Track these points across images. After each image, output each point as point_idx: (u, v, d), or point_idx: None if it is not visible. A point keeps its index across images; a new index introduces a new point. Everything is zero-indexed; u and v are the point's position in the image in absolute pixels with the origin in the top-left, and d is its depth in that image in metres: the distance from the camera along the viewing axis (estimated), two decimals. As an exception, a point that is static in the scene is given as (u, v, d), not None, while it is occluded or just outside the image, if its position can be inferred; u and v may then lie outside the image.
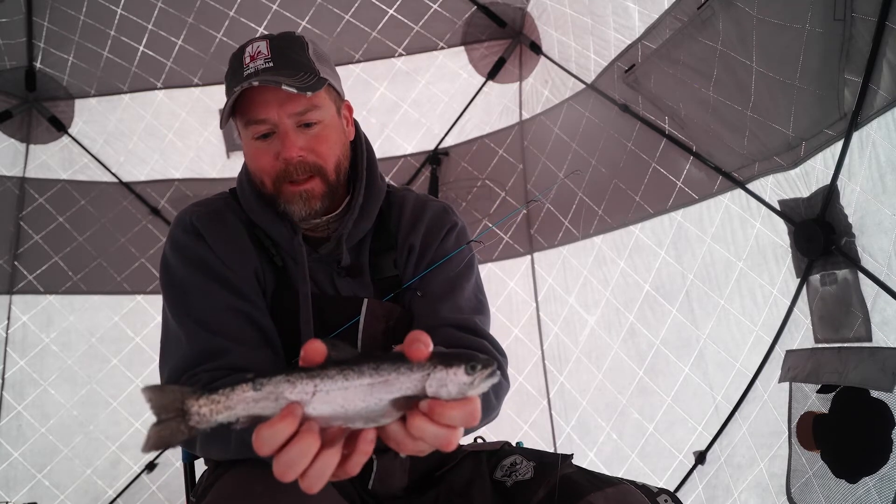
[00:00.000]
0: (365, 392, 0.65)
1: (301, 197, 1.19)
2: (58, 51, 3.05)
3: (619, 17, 2.44)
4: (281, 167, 1.18)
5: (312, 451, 0.65)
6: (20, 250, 3.19)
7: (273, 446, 0.64)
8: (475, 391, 0.67)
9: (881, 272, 1.76)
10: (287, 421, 0.64)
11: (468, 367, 0.66)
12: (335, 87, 1.27)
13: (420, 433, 0.66)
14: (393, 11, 3.03)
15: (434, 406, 0.65)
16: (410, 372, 0.66)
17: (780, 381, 2.10)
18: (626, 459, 2.70)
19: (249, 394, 0.66)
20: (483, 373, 0.66)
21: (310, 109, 1.18)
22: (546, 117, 3.11)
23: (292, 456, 0.65)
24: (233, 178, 1.38)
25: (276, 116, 1.16)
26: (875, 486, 1.72)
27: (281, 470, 0.65)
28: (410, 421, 0.66)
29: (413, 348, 0.67)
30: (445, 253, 1.31)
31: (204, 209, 1.29)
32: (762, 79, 1.92)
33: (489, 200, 3.31)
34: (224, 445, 1.04)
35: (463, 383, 0.66)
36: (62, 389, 3.15)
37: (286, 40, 1.23)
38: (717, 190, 2.30)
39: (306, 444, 0.65)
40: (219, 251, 1.22)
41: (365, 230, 1.30)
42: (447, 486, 1.21)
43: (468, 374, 0.66)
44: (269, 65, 1.17)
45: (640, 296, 2.64)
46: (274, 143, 1.18)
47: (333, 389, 0.65)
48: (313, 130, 1.20)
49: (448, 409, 0.65)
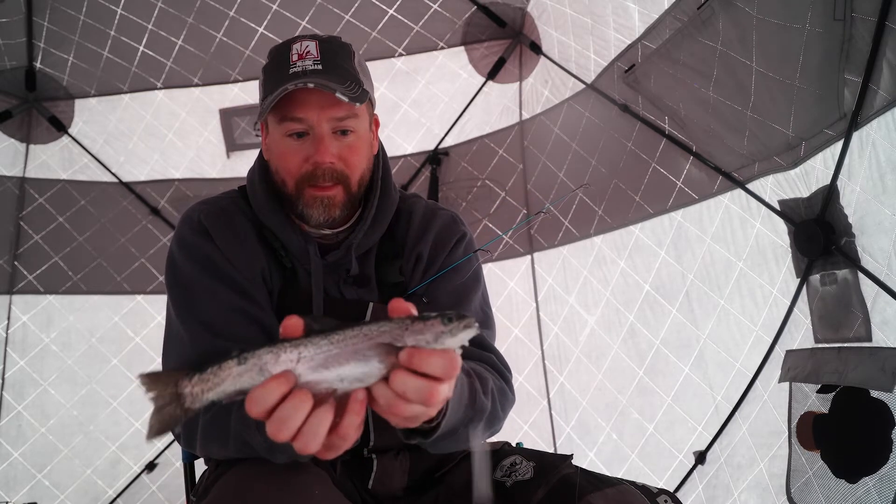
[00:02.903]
0: (348, 351, 0.68)
1: (322, 203, 1.18)
2: (58, 51, 3.05)
3: (619, 17, 2.44)
4: (308, 170, 1.17)
5: (305, 408, 0.66)
6: (20, 250, 3.19)
7: (265, 406, 0.66)
8: (452, 341, 0.69)
9: (881, 272, 1.76)
10: (278, 381, 0.66)
11: (444, 318, 0.69)
12: (372, 100, 1.27)
13: (402, 387, 0.67)
14: (393, 11, 3.03)
15: (412, 354, 0.67)
16: (389, 326, 0.69)
17: (780, 381, 2.10)
18: (626, 459, 2.70)
19: (235, 368, 0.68)
20: (459, 323, 0.69)
21: (349, 118, 1.17)
22: (546, 117, 3.11)
23: (284, 413, 0.66)
24: (233, 178, 1.38)
25: (315, 119, 1.15)
26: (875, 486, 1.72)
27: (274, 427, 0.66)
28: (393, 377, 0.68)
29: (396, 306, 0.70)
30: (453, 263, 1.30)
31: (212, 207, 1.27)
32: (762, 79, 1.92)
33: (489, 200, 3.31)
34: (223, 443, 1.03)
35: (439, 332, 0.68)
36: (62, 389, 3.15)
37: (335, 45, 1.22)
38: (717, 190, 2.30)
39: (298, 399, 0.66)
40: (226, 250, 1.21)
41: (375, 240, 1.29)
42: (447, 487, 1.21)
43: (444, 324, 0.68)
44: (319, 67, 1.16)
45: (640, 296, 2.64)
46: (306, 145, 1.17)
47: (318, 354, 0.68)
48: (348, 139, 1.19)
49: (426, 356, 0.67)
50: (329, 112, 1.15)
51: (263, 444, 0.95)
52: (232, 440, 1.01)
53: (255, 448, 0.98)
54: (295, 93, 1.13)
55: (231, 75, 3.21)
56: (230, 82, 3.23)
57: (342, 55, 1.21)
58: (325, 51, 1.18)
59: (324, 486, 1.02)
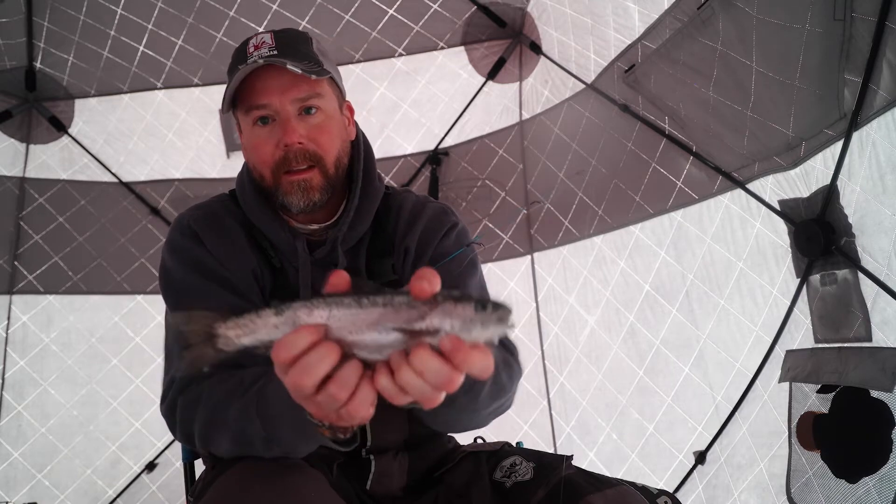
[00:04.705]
0: (374, 320, 0.65)
1: (300, 187, 1.18)
2: (58, 51, 3.05)
3: (619, 17, 2.44)
4: (280, 155, 1.17)
5: (331, 358, 0.65)
6: (20, 250, 3.19)
7: (293, 352, 0.65)
8: (481, 332, 0.63)
9: (881, 272, 1.76)
10: (309, 330, 0.65)
11: (477, 304, 0.63)
12: (338, 83, 1.27)
13: (421, 365, 0.63)
14: (393, 11, 3.03)
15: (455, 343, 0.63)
16: (420, 302, 0.65)
17: (780, 381, 2.10)
18: (626, 459, 2.70)
19: (272, 319, 0.69)
20: (493, 314, 0.63)
21: (312, 96, 1.18)
22: (546, 117, 3.11)
23: (311, 359, 0.65)
24: (233, 178, 1.37)
25: (277, 102, 1.16)
26: (875, 486, 1.72)
27: (297, 374, 0.65)
28: (415, 353, 0.64)
29: (417, 284, 0.65)
30: (445, 253, 1.29)
31: (201, 212, 1.28)
32: (762, 79, 1.92)
33: (489, 200, 3.31)
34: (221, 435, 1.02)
35: (469, 319, 0.63)
36: (62, 389, 3.15)
37: (290, 33, 1.23)
38: (717, 190, 2.30)
39: (325, 349, 0.65)
40: (216, 252, 1.22)
41: (361, 233, 1.28)
42: (446, 487, 1.21)
43: (476, 311, 0.63)
44: (274, 52, 1.17)
45: (640, 296, 2.64)
46: (275, 132, 1.18)
47: (346, 315, 0.66)
48: (315, 119, 1.19)
49: (468, 350, 0.63)
50: (290, 93, 1.15)
51: (261, 433, 0.95)
52: (230, 431, 1.00)
53: (253, 439, 0.97)
54: (255, 81, 1.15)
55: (231, 75, 3.20)
56: (230, 82, 3.23)
57: (299, 41, 1.22)
58: (280, 38, 1.20)
59: (320, 487, 1.02)
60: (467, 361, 0.63)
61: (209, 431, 1.04)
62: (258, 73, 1.16)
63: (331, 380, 0.65)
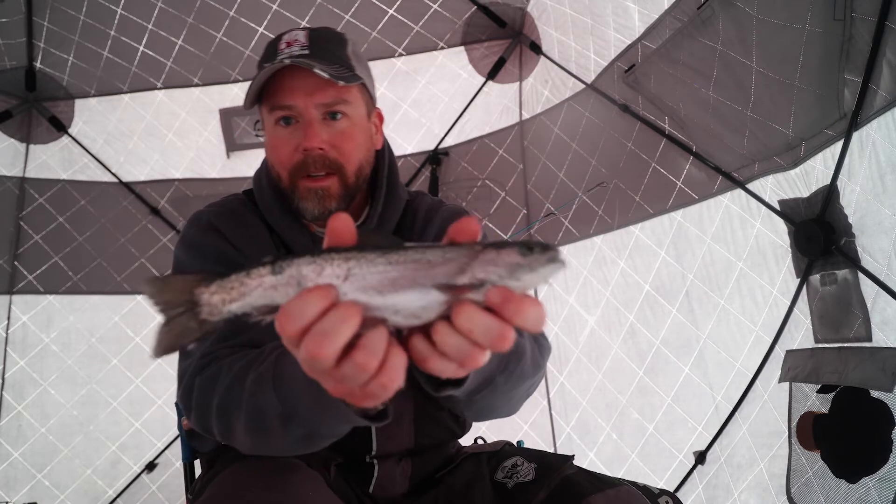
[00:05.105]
0: (408, 277, 0.55)
1: (316, 194, 1.14)
2: (58, 51, 3.05)
3: (619, 17, 2.44)
4: (299, 158, 1.13)
5: (352, 322, 0.53)
6: (20, 250, 3.19)
7: (302, 321, 0.53)
8: (532, 277, 0.55)
9: (881, 272, 1.76)
10: (319, 292, 0.53)
11: (522, 248, 0.55)
12: (369, 89, 1.22)
13: (469, 324, 0.54)
14: (393, 11, 3.03)
15: (505, 294, 0.54)
16: (458, 253, 0.55)
17: (780, 381, 2.10)
18: (626, 459, 2.70)
19: (268, 279, 0.56)
20: (542, 255, 0.55)
21: (339, 102, 1.13)
22: (546, 117, 3.11)
23: (328, 324, 0.53)
24: (233, 178, 1.37)
25: (302, 104, 1.12)
26: (875, 486, 1.72)
27: (314, 342, 0.53)
28: (460, 310, 0.54)
29: (457, 226, 0.58)
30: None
31: (221, 209, 1.23)
32: (762, 79, 1.92)
33: (489, 200, 3.31)
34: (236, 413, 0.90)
35: (515, 263, 0.55)
36: (62, 389, 3.15)
37: (326, 33, 1.19)
38: (717, 190, 2.30)
39: (344, 311, 0.53)
40: (239, 246, 1.16)
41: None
42: (447, 488, 1.20)
43: (522, 255, 0.55)
44: (306, 52, 1.13)
45: (640, 296, 2.64)
46: (296, 133, 1.13)
47: (372, 273, 0.54)
48: (340, 125, 1.15)
49: (520, 300, 0.54)
50: (316, 97, 1.11)
51: (277, 407, 0.83)
52: (244, 410, 0.88)
53: (269, 417, 0.85)
54: (282, 80, 1.12)
55: (231, 75, 3.21)
56: (230, 82, 3.23)
57: (334, 42, 1.17)
58: (313, 37, 1.15)
59: (317, 486, 1.01)
60: (520, 312, 0.54)
61: (223, 414, 0.93)
62: (286, 71, 1.12)
63: (355, 348, 0.54)
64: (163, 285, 0.60)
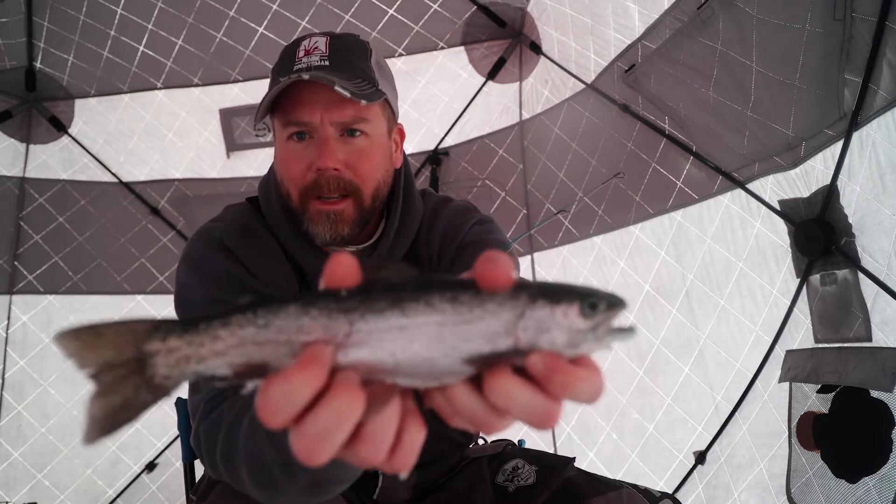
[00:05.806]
0: (432, 336, 0.41)
1: (328, 218, 1.04)
2: (58, 51, 3.05)
3: (619, 17, 2.44)
4: (312, 178, 1.03)
5: (354, 415, 0.41)
6: (20, 250, 3.19)
7: (289, 411, 0.40)
8: (594, 345, 0.43)
9: (881, 272, 1.76)
10: (310, 371, 0.40)
11: (585, 305, 0.42)
12: (391, 104, 1.14)
13: (506, 402, 0.42)
14: (393, 11, 3.03)
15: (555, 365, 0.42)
16: (500, 308, 0.42)
17: (780, 381, 2.10)
18: (626, 460, 2.70)
19: (249, 330, 0.42)
20: (608, 315, 0.43)
21: (358, 121, 1.03)
22: (546, 117, 3.11)
23: (324, 423, 0.40)
24: (233, 178, 1.35)
25: (318, 121, 1.02)
26: (875, 486, 1.72)
27: (305, 445, 0.41)
28: (493, 382, 0.42)
29: (487, 270, 0.42)
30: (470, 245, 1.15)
31: (233, 225, 1.12)
32: (762, 79, 1.92)
33: (489, 200, 3.31)
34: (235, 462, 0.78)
35: (576, 329, 0.42)
36: (62, 389, 3.14)
37: (348, 41, 1.09)
38: (717, 190, 2.30)
39: (345, 402, 0.40)
40: (253, 268, 1.06)
41: (399, 255, 1.16)
42: (449, 492, 1.20)
43: (585, 317, 0.42)
44: (325, 63, 1.03)
45: (640, 296, 2.64)
46: (309, 150, 1.03)
47: (382, 329, 0.41)
48: (357, 143, 1.05)
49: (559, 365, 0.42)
50: (334, 114, 1.01)
51: (276, 455, 0.70)
52: (243, 457, 0.76)
53: (268, 465, 0.72)
54: (299, 94, 1.02)
55: (231, 75, 3.21)
56: (230, 82, 3.23)
57: (356, 52, 1.08)
58: (335, 46, 1.06)
59: None
60: (571, 387, 0.42)
61: (228, 467, 0.81)
62: (304, 83, 1.01)
63: (359, 438, 0.42)
64: (93, 338, 0.42)
